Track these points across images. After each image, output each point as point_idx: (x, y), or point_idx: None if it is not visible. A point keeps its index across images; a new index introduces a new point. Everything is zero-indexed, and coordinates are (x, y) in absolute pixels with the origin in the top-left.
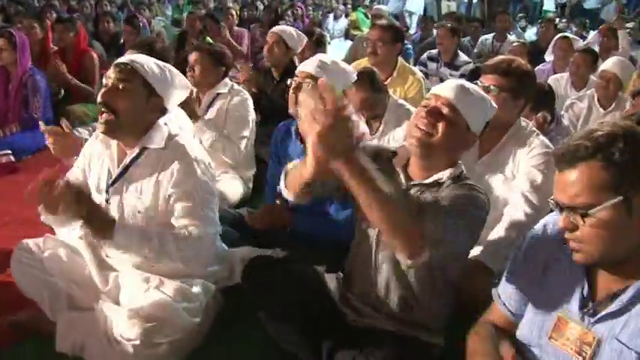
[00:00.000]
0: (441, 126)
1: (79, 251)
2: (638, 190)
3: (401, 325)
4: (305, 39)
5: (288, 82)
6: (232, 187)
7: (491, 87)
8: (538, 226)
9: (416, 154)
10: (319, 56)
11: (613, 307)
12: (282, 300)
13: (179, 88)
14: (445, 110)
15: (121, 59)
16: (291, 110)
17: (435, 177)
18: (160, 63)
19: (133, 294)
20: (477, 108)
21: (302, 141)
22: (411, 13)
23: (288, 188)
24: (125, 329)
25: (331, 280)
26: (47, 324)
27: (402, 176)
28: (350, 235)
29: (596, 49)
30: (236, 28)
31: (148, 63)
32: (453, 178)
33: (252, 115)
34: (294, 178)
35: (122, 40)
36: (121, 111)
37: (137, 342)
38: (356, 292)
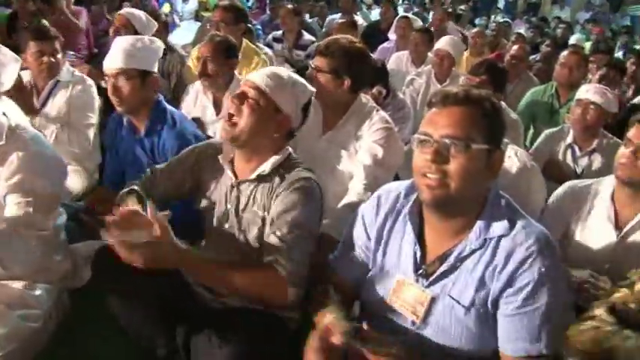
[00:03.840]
0: (245, 109)
1: None
2: (497, 149)
3: (256, 302)
4: (155, 26)
5: None
6: (75, 179)
7: (316, 67)
8: (372, 199)
9: (229, 147)
10: (272, 69)
11: (443, 267)
12: (133, 287)
13: (8, 63)
14: (251, 93)
15: None
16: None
17: (258, 170)
18: None
19: None
20: (286, 90)
21: (135, 132)
22: None
23: None
24: None
25: None
26: None
27: (229, 174)
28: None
29: None
30: (73, 7)
31: None
32: (277, 168)
33: (97, 102)
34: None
35: None
36: None
37: None
38: None
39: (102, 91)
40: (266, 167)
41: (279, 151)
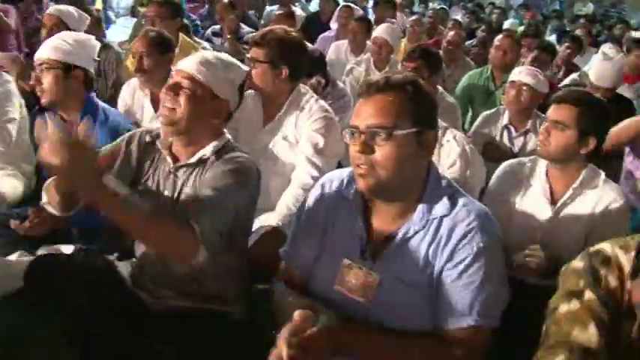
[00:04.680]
0: (182, 99)
1: None
2: (428, 130)
3: (194, 300)
4: (88, 19)
5: None
6: (8, 184)
7: (252, 58)
8: (316, 187)
9: (168, 133)
10: (201, 55)
11: (389, 249)
12: (71, 298)
13: None
14: (185, 83)
15: None
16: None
17: (199, 154)
18: None
19: None
20: (220, 75)
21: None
22: None
23: (50, 202)
24: None
25: (125, 268)
26: None
27: (168, 159)
28: None
29: None
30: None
31: None
32: (217, 152)
33: (16, 97)
34: (51, 194)
35: None
36: None
37: None
38: (148, 275)
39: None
40: (207, 152)
41: (219, 136)
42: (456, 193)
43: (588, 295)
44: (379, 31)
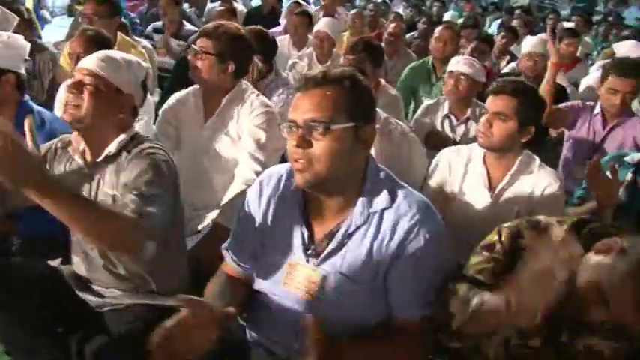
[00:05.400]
0: (85, 95)
1: None
2: (365, 124)
3: (142, 296)
4: (16, 19)
5: None
6: None
7: (199, 50)
8: (255, 184)
9: (78, 137)
10: (102, 52)
11: (331, 245)
12: (16, 307)
13: None
14: (87, 79)
15: None
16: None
17: (105, 152)
18: None
19: None
20: (123, 70)
21: None
22: None
23: None
24: None
25: (69, 271)
26: None
27: (80, 161)
28: None
29: None
30: None
31: None
32: (125, 146)
33: None
34: None
35: None
36: None
37: None
38: (93, 277)
39: None
40: (112, 148)
41: (126, 131)
42: (395, 185)
43: (498, 247)
44: (320, 25)
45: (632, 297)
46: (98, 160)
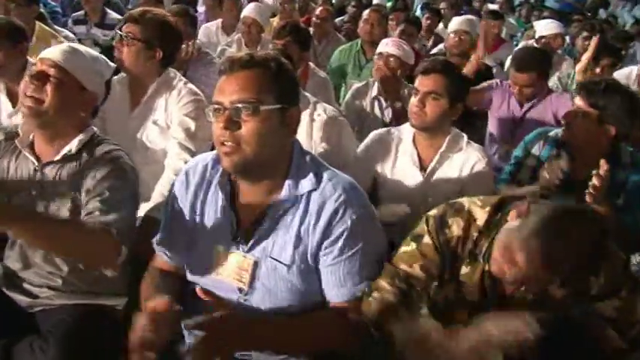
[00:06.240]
0: (49, 88)
1: None
2: (291, 107)
3: (76, 296)
4: None
5: None
6: None
7: (125, 36)
8: (181, 173)
9: (32, 125)
10: (68, 45)
11: (260, 230)
12: None
13: None
14: (52, 72)
15: None
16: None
17: (64, 150)
18: None
19: None
20: (88, 67)
21: None
22: None
23: None
24: None
25: None
26: None
27: (31, 158)
28: None
29: None
30: None
31: None
32: (85, 146)
33: None
34: None
35: None
36: None
37: None
38: (26, 275)
39: None
40: (72, 147)
41: (85, 130)
42: (321, 167)
43: (426, 239)
44: (247, 10)
45: (538, 254)
46: (56, 158)
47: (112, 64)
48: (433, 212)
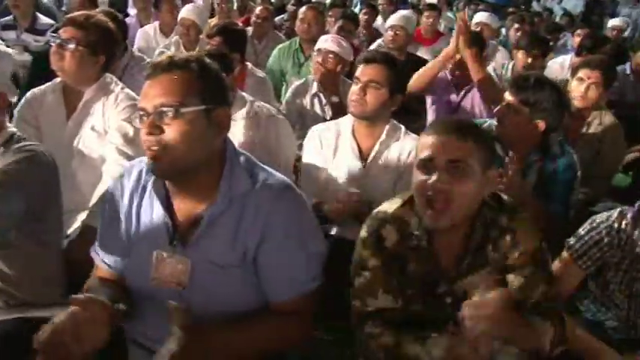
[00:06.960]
0: None
1: None
2: (217, 107)
3: (7, 310)
4: None
5: None
6: None
7: (67, 40)
8: (115, 180)
9: None
10: None
11: (197, 233)
12: None
13: None
14: None
15: None
16: None
17: None
18: None
19: None
20: None
21: None
22: None
23: None
24: None
25: None
26: None
27: None
28: None
29: None
30: None
31: None
32: (4, 144)
33: None
34: None
35: None
36: None
37: None
38: None
39: None
40: None
41: (1, 131)
42: (255, 168)
43: (372, 262)
44: (185, 12)
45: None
46: None
47: (15, 55)
48: (363, 234)
